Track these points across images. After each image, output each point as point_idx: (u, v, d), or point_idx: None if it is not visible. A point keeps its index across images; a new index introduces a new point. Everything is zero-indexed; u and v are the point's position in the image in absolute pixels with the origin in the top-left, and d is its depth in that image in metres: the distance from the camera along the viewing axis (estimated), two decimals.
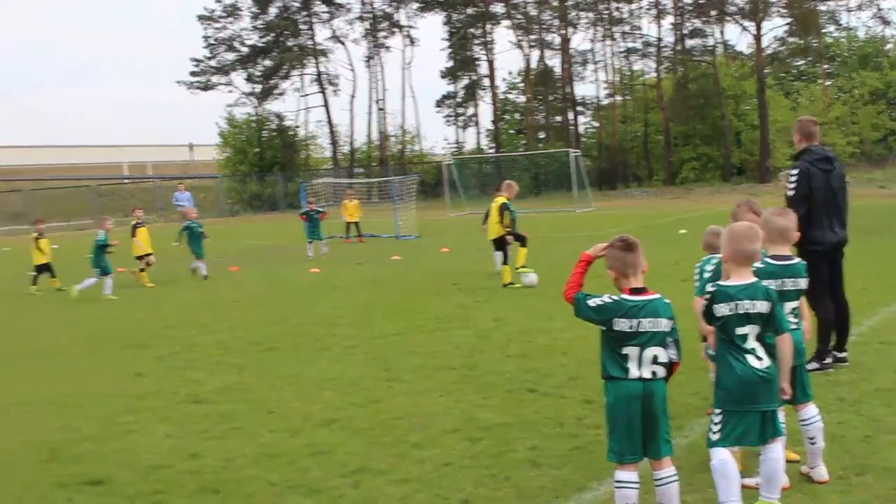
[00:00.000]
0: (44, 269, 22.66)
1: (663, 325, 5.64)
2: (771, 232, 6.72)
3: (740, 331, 5.85)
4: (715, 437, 5.86)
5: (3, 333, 16.03)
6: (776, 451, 5.92)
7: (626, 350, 5.64)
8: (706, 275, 7.32)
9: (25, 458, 8.20)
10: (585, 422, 8.23)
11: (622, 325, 5.60)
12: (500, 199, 18.83)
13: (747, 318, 5.83)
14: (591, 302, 5.70)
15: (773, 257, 6.72)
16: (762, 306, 5.84)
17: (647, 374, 5.64)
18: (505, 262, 18.50)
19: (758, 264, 6.32)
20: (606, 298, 5.68)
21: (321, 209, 30.47)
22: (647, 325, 5.60)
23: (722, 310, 5.85)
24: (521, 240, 19.09)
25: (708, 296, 5.94)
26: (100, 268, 20.59)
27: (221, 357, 12.50)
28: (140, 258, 22.78)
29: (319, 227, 29.32)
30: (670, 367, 5.74)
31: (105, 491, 7.19)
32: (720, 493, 5.74)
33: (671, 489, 5.76)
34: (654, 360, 5.64)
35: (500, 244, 18.84)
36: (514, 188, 19.36)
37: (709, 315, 5.92)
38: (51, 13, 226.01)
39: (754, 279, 5.95)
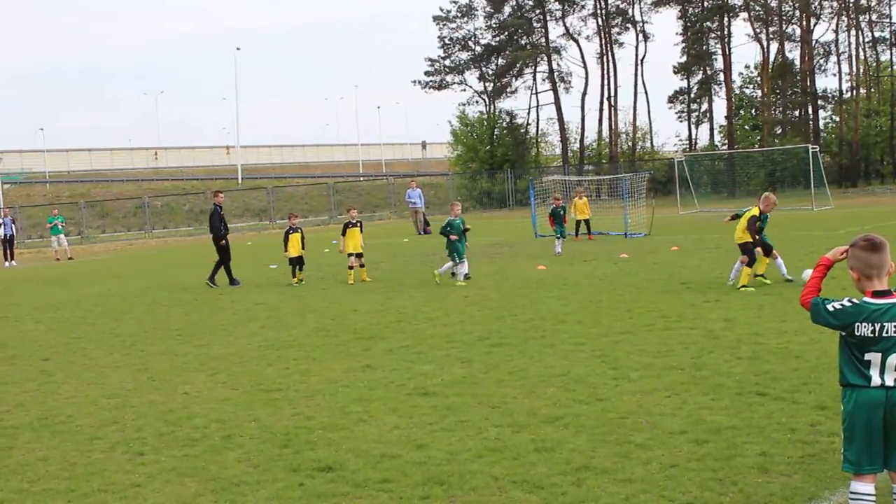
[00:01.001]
0: (296, 261, 23.59)
1: None
2: None
3: None
4: None
5: (250, 322, 16.85)
6: None
7: (868, 356, 5.35)
8: None
9: (262, 444, 8.59)
10: (819, 428, 7.90)
11: (864, 329, 5.32)
12: (754, 211, 17.99)
13: None
14: (831, 306, 5.44)
15: None
16: None
17: (890, 382, 5.34)
18: (749, 265, 17.76)
19: None
20: (846, 302, 5.41)
21: (565, 206, 30.67)
22: (891, 329, 5.30)
23: None
24: (767, 249, 18.27)
25: None
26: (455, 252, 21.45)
27: (449, 351, 12.71)
28: (354, 256, 22.99)
29: (563, 225, 29.35)
30: None
31: (335, 477, 7.45)
32: None
33: None
34: None
35: (743, 250, 18.11)
36: (770, 201, 18.38)
37: None
38: (291, 22, 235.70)
39: None
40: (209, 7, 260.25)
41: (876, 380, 5.35)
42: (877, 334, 5.32)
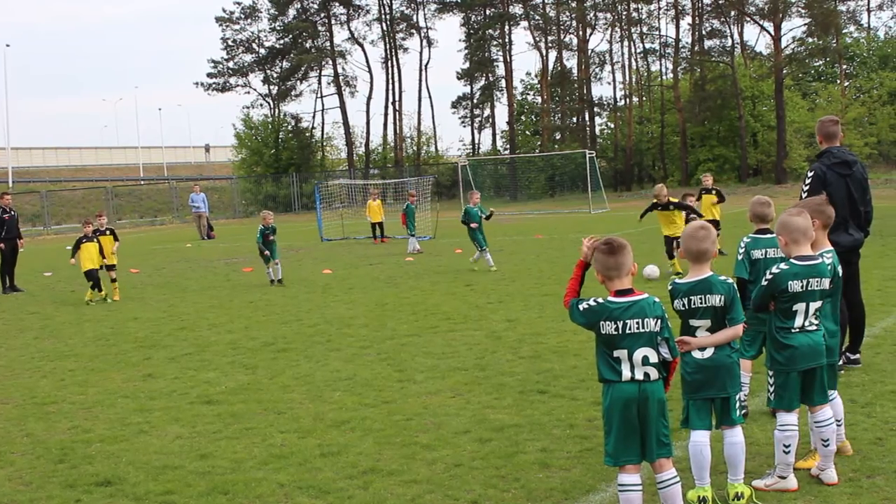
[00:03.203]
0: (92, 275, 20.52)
1: (651, 325, 5.62)
2: (793, 233, 6.64)
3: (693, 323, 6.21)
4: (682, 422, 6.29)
5: (22, 333, 16.10)
6: (735, 436, 6.21)
7: (616, 353, 5.62)
8: (755, 255, 7.87)
9: (36, 459, 8.21)
10: (596, 423, 8.17)
11: (608, 327, 5.59)
12: None
13: (700, 312, 6.12)
14: (581, 306, 5.71)
15: (798, 258, 6.63)
16: (715, 300, 6.09)
17: (640, 376, 5.63)
18: None
19: (783, 266, 6.41)
20: (592, 301, 5.67)
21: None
22: (633, 326, 5.58)
23: (678, 305, 6.20)
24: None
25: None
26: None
27: (234, 357, 12.51)
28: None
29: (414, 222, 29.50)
30: (667, 366, 5.74)
31: (114, 491, 7.19)
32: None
33: (673, 491, 5.74)
34: (645, 362, 5.62)
35: None
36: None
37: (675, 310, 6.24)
38: (73, 17, 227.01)
39: (708, 274, 6.15)
40: None
41: (626, 374, 5.62)
42: (620, 331, 5.58)
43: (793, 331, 6.48)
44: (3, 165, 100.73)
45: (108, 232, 20.99)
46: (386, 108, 78.28)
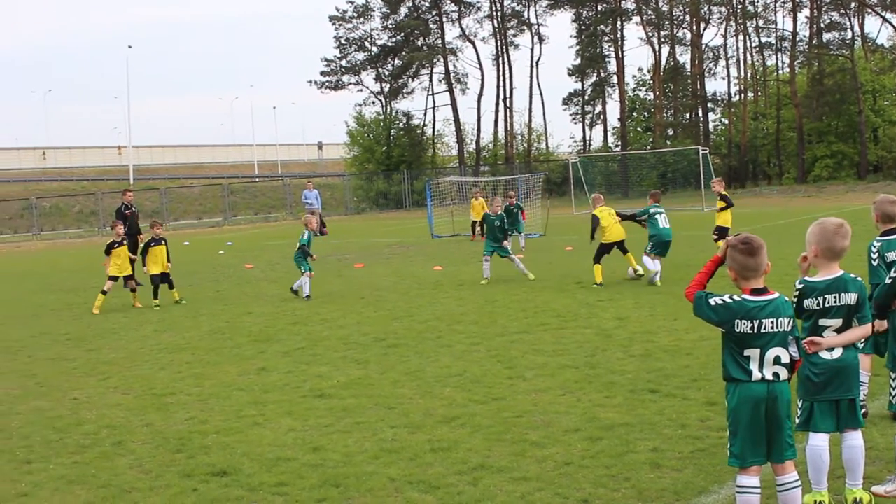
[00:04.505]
0: (159, 279, 19.98)
1: (784, 324, 5.51)
2: None
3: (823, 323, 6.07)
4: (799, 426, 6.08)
5: (142, 326, 16.54)
6: (856, 440, 6.05)
7: (747, 352, 5.50)
8: (889, 258, 7.53)
9: (155, 449, 8.44)
10: (708, 424, 8.08)
11: (744, 326, 5.47)
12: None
13: (833, 312, 6.00)
14: (713, 301, 5.57)
15: None
16: (849, 298, 5.98)
17: (769, 376, 5.50)
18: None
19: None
20: (728, 298, 5.54)
21: (521, 205, 30.81)
22: (768, 325, 5.47)
23: (810, 304, 6.04)
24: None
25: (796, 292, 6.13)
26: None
27: (345, 352, 12.66)
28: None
29: (520, 221, 29.45)
30: (792, 366, 5.61)
31: (229, 482, 7.35)
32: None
33: (794, 495, 5.60)
34: (777, 361, 5.50)
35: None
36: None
37: (797, 310, 6.02)
38: (190, 18, 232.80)
39: (840, 272, 6.03)
40: (100, 3, 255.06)
41: (756, 374, 5.50)
42: (755, 331, 5.47)
43: None
44: (124, 163, 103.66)
45: (163, 242, 20.09)
46: (497, 105, 78.22)
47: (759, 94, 75.97)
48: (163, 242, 19.94)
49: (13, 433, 9.38)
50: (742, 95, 74.13)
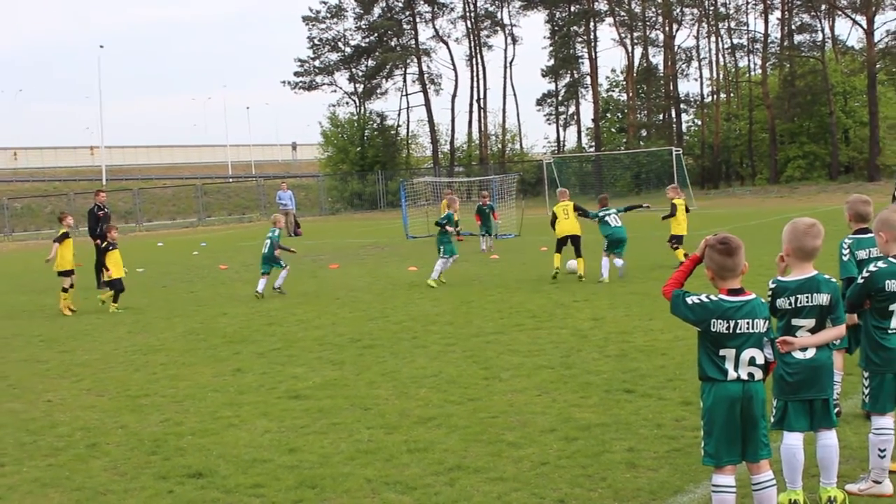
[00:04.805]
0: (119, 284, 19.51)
1: (760, 325, 5.53)
2: (894, 230, 6.51)
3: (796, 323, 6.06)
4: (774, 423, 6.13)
5: (115, 327, 16.45)
6: (830, 439, 6.08)
7: (723, 352, 5.52)
8: (860, 255, 7.60)
9: (130, 451, 8.39)
10: (684, 423, 8.12)
11: (719, 326, 5.49)
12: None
13: (805, 311, 6.00)
14: (690, 300, 5.59)
15: None
16: (822, 299, 5.99)
17: (744, 376, 5.53)
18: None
19: (881, 264, 6.33)
20: (704, 298, 5.56)
21: (493, 205, 31.00)
22: (744, 326, 5.49)
23: (782, 304, 6.04)
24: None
25: (769, 291, 6.14)
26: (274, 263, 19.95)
27: (321, 353, 12.64)
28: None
29: (491, 222, 29.56)
30: (766, 367, 5.63)
31: (205, 483, 7.32)
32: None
33: (769, 494, 5.63)
34: (752, 362, 5.53)
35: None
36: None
37: (771, 309, 6.00)
38: (163, 18, 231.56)
39: (814, 272, 6.04)
40: (71, 4, 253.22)
41: (732, 373, 5.52)
42: (731, 331, 5.49)
43: (889, 331, 6.36)
44: (97, 164, 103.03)
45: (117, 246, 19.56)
46: (471, 105, 78.29)
47: (732, 95, 76.31)
48: (117, 247, 19.48)
49: None
50: (715, 96, 74.48)
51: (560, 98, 78.56)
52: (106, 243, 19.69)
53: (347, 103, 79.46)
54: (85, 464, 8.07)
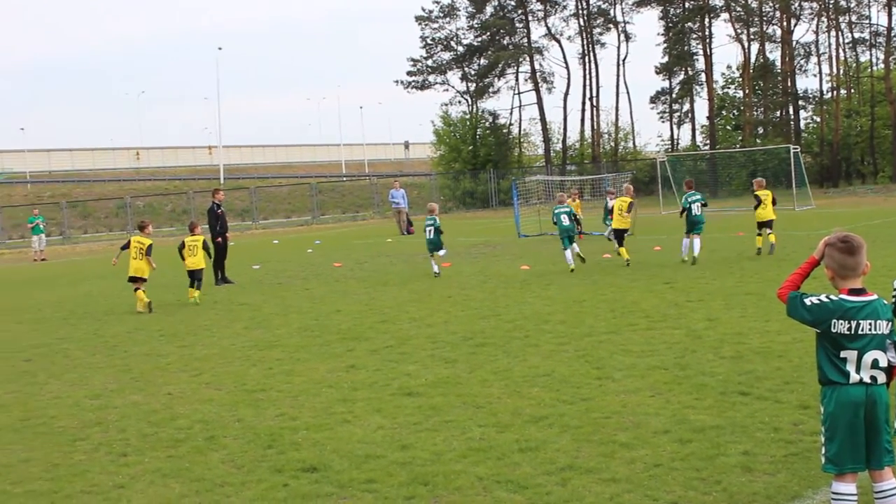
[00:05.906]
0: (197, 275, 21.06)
1: (882, 327, 5.35)
2: None
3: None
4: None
5: (233, 323, 16.81)
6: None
7: (844, 353, 5.35)
8: None
9: (247, 444, 8.58)
10: (802, 427, 7.94)
11: (840, 326, 5.32)
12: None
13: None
14: (808, 301, 5.43)
15: None
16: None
17: (867, 379, 5.35)
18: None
19: None
20: (824, 298, 5.40)
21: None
22: (866, 327, 5.31)
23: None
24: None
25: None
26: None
27: (433, 351, 12.72)
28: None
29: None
30: (890, 371, 5.44)
31: (319, 478, 7.44)
32: None
33: (893, 502, 5.45)
34: (875, 365, 5.35)
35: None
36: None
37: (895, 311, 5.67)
38: (279, 19, 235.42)
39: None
40: (191, 6, 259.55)
41: (854, 376, 5.35)
42: (853, 332, 5.32)
43: None
44: (215, 163, 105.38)
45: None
46: (583, 103, 77.86)
47: (853, 90, 74.37)
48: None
49: (110, 426, 9.62)
50: (834, 92, 72.58)
51: (674, 95, 77.66)
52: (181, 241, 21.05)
53: (460, 102, 79.81)
54: (204, 456, 8.28)
